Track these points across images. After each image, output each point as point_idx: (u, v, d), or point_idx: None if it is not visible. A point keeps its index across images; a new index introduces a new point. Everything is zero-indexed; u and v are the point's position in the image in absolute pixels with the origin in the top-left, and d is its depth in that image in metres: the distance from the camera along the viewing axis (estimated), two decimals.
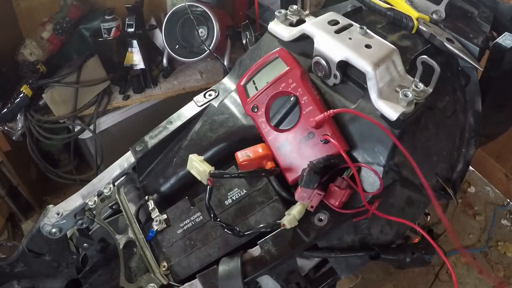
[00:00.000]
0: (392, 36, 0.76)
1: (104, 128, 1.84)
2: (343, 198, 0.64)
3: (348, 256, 0.69)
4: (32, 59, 1.79)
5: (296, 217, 0.64)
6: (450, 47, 0.72)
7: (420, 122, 0.69)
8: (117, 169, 0.86)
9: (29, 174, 1.98)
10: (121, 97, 1.83)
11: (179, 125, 0.86)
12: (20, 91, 1.63)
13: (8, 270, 0.86)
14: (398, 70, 0.66)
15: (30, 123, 1.70)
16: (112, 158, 0.91)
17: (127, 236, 0.77)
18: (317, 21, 0.72)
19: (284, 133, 0.70)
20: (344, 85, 0.70)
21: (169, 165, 0.84)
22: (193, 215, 0.74)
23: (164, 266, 0.74)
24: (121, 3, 1.78)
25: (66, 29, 1.82)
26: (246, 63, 0.86)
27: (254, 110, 0.73)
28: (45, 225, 0.82)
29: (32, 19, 1.85)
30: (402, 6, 0.78)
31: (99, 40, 1.79)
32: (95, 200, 0.81)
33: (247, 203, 0.71)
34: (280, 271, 0.69)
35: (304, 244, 0.66)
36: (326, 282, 0.78)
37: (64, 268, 0.89)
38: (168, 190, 0.83)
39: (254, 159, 0.69)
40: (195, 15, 1.73)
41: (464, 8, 0.83)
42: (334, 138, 0.65)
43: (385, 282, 1.68)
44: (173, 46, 1.82)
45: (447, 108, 0.77)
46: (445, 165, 0.78)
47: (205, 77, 1.90)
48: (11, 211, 1.90)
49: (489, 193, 2.02)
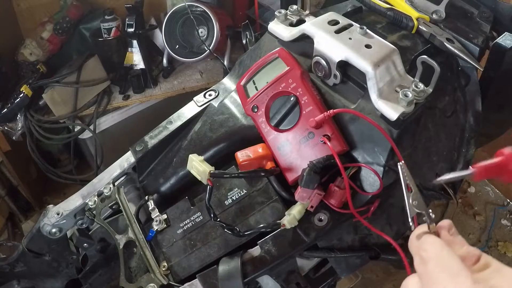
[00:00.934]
0: (392, 36, 0.76)
1: (104, 128, 1.83)
2: (343, 198, 0.64)
3: (348, 256, 0.69)
4: (32, 59, 1.79)
5: (296, 217, 0.64)
6: (450, 47, 0.72)
7: (420, 122, 0.69)
8: (117, 169, 0.86)
9: (29, 174, 1.98)
10: (121, 97, 1.83)
11: (179, 125, 0.86)
12: (20, 91, 1.63)
13: (8, 270, 0.86)
14: (398, 70, 0.66)
15: (30, 123, 1.70)
16: (112, 158, 0.91)
17: (127, 236, 0.77)
18: (317, 21, 0.72)
19: (284, 133, 0.70)
20: (344, 85, 0.70)
21: (169, 165, 0.84)
22: (193, 215, 0.74)
23: (164, 266, 0.74)
24: (121, 3, 1.78)
25: (66, 29, 1.82)
26: (246, 63, 0.86)
27: (254, 110, 0.73)
28: (45, 225, 0.82)
29: (32, 19, 1.85)
30: (402, 6, 0.78)
31: (99, 40, 1.79)
32: (95, 200, 0.81)
33: (247, 203, 0.71)
34: (280, 271, 0.69)
35: (304, 244, 0.66)
36: (326, 282, 0.78)
37: (64, 268, 0.89)
38: (168, 190, 0.83)
39: (254, 159, 0.69)
40: (195, 15, 1.73)
41: (464, 8, 0.83)
42: (334, 138, 0.65)
43: (385, 282, 1.68)
44: (173, 46, 1.82)
45: (447, 108, 0.77)
46: (445, 165, 0.78)
47: (205, 77, 1.90)
48: (11, 211, 1.90)
49: (489, 193, 2.02)
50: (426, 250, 0.39)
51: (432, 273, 0.37)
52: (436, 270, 0.37)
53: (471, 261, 0.38)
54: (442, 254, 0.38)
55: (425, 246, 0.40)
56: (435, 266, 0.37)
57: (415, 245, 0.42)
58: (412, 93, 0.61)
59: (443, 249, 0.38)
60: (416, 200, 0.45)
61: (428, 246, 0.40)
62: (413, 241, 0.42)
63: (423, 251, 0.40)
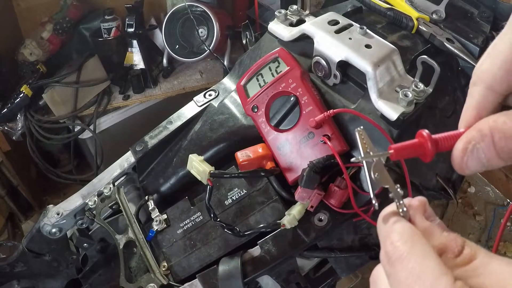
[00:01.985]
0: (392, 36, 0.76)
1: (104, 128, 1.84)
2: (343, 198, 0.64)
3: (348, 256, 0.69)
4: (32, 59, 1.79)
5: (296, 217, 0.64)
6: (450, 47, 0.72)
7: (420, 122, 0.69)
8: (117, 169, 0.86)
9: (29, 174, 1.98)
10: (121, 97, 1.83)
11: (179, 125, 0.86)
12: (20, 91, 1.63)
13: (8, 270, 0.86)
14: (398, 70, 0.66)
15: (30, 123, 1.70)
16: (112, 158, 0.91)
17: (127, 236, 0.77)
18: (317, 21, 0.72)
19: (284, 133, 0.70)
20: (344, 85, 0.70)
21: (169, 165, 0.84)
22: (193, 215, 0.74)
23: (164, 266, 0.74)
24: (121, 3, 1.78)
25: (66, 29, 1.82)
26: (246, 63, 0.86)
27: (254, 110, 0.73)
28: (45, 225, 0.82)
29: (32, 19, 1.85)
30: (402, 6, 0.78)
31: (99, 40, 1.79)
32: (95, 200, 0.81)
33: (247, 203, 0.71)
34: (280, 271, 0.69)
35: (304, 244, 0.66)
36: (326, 282, 0.78)
37: (64, 268, 0.89)
38: (168, 190, 0.83)
39: (254, 159, 0.69)
40: (195, 15, 1.73)
41: (464, 8, 0.83)
42: (334, 138, 0.65)
43: None
44: (173, 46, 1.82)
45: (447, 108, 0.77)
46: (445, 165, 0.78)
47: (205, 77, 1.90)
48: (11, 211, 1.90)
49: (489, 193, 2.02)
50: (393, 243, 0.30)
51: (403, 282, 0.28)
52: (408, 280, 0.28)
53: (453, 252, 0.29)
54: (414, 254, 0.28)
55: (392, 236, 0.30)
56: (405, 272, 0.28)
57: (382, 231, 0.32)
58: (412, 93, 0.61)
59: (415, 245, 0.29)
60: (377, 172, 0.35)
61: (395, 237, 0.30)
62: (380, 224, 0.33)
63: (389, 244, 0.30)
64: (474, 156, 0.32)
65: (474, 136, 0.32)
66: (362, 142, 0.36)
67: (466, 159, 0.33)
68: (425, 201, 0.34)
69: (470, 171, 0.33)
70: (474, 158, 0.32)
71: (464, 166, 0.33)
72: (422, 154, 0.35)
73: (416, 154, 0.35)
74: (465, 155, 0.32)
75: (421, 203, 0.33)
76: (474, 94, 0.34)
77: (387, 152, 0.35)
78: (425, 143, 0.34)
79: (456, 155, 0.33)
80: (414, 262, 0.28)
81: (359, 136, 0.36)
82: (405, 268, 0.28)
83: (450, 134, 0.34)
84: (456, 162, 0.33)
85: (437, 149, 0.34)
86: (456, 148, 0.33)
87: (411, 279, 0.27)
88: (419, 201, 0.34)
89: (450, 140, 0.34)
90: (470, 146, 0.32)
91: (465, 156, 0.32)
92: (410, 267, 0.28)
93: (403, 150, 0.35)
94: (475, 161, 0.32)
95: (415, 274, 0.27)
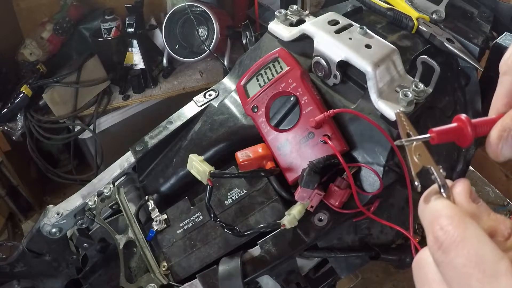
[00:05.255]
0: (392, 36, 0.76)
1: (104, 128, 1.84)
2: (343, 198, 0.64)
3: (348, 256, 0.69)
4: (32, 59, 1.79)
5: (296, 217, 0.64)
6: (450, 47, 0.72)
7: (420, 122, 0.69)
8: (117, 169, 0.86)
9: (29, 174, 1.98)
10: (121, 97, 1.83)
11: (179, 125, 0.86)
12: (20, 91, 1.63)
13: (8, 270, 0.86)
14: (398, 70, 0.66)
15: (30, 123, 1.70)
16: (112, 158, 0.91)
17: (127, 236, 0.77)
18: (317, 21, 0.72)
19: (284, 133, 0.70)
20: (344, 85, 0.70)
21: (169, 165, 0.84)
22: (193, 215, 0.74)
23: (164, 266, 0.74)
24: (121, 3, 1.78)
25: (66, 29, 1.82)
26: (246, 63, 0.86)
27: (254, 110, 0.73)
28: (45, 225, 0.82)
29: (32, 19, 1.86)
30: (402, 6, 0.78)
31: (99, 40, 1.79)
32: (95, 200, 0.81)
33: (247, 203, 0.71)
34: (280, 271, 0.69)
35: (304, 244, 0.66)
36: (326, 282, 0.78)
37: (64, 268, 0.89)
38: (168, 190, 0.83)
39: (254, 159, 0.69)
40: (195, 15, 1.73)
41: (464, 8, 0.83)
42: (334, 138, 0.65)
43: (385, 282, 1.68)
44: (173, 46, 1.82)
45: (447, 108, 0.77)
46: (445, 165, 0.78)
47: (205, 77, 1.90)
48: (11, 211, 1.90)
49: (489, 193, 2.02)
50: (443, 228, 0.27)
51: (460, 270, 0.26)
52: (465, 267, 0.25)
53: (503, 235, 0.27)
54: (468, 238, 0.26)
55: (442, 221, 0.28)
56: (461, 259, 0.26)
57: (426, 215, 0.31)
58: (412, 93, 0.61)
59: (467, 229, 0.27)
60: (419, 152, 0.35)
61: (445, 221, 0.28)
62: (422, 208, 0.32)
63: (439, 229, 0.28)
64: (509, 144, 0.33)
65: (509, 124, 0.33)
66: (402, 124, 0.37)
67: (501, 146, 0.33)
68: (469, 183, 0.32)
69: (504, 158, 0.33)
70: (509, 145, 0.33)
71: (499, 152, 0.33)
72: (462, 138, 0.35)
73: (455, 138, 0.36)
74: (500, 142, 0.33)
75: (465, 185, 0.32)
76: (505, 82, 0.36)
77: (428, 135, 0.36)
78: (464, 127, 0.35)
79: (492, 142, 0.34)
80: (470, 248, 0.26)
81: (398, 119, 0.37)
82: (461, 254, 0.26)
83: (486, 119, 0.35)
84: (492, 149, 0.34)
85: (476, 133, 0.35)
86: (491, 135, 0.34)
87: (469, 266, 0.25)
88: (464, 183, 0.32)
89: (487, 125, 0.35)
90: (505, 133, 0.33)
91: (500, 143, 0.33)
92: (466, 253, 0.26)
93: (443, 134, 0.36)
94: (510, 148, 0.33)
95: (472, 261, 0.25)
